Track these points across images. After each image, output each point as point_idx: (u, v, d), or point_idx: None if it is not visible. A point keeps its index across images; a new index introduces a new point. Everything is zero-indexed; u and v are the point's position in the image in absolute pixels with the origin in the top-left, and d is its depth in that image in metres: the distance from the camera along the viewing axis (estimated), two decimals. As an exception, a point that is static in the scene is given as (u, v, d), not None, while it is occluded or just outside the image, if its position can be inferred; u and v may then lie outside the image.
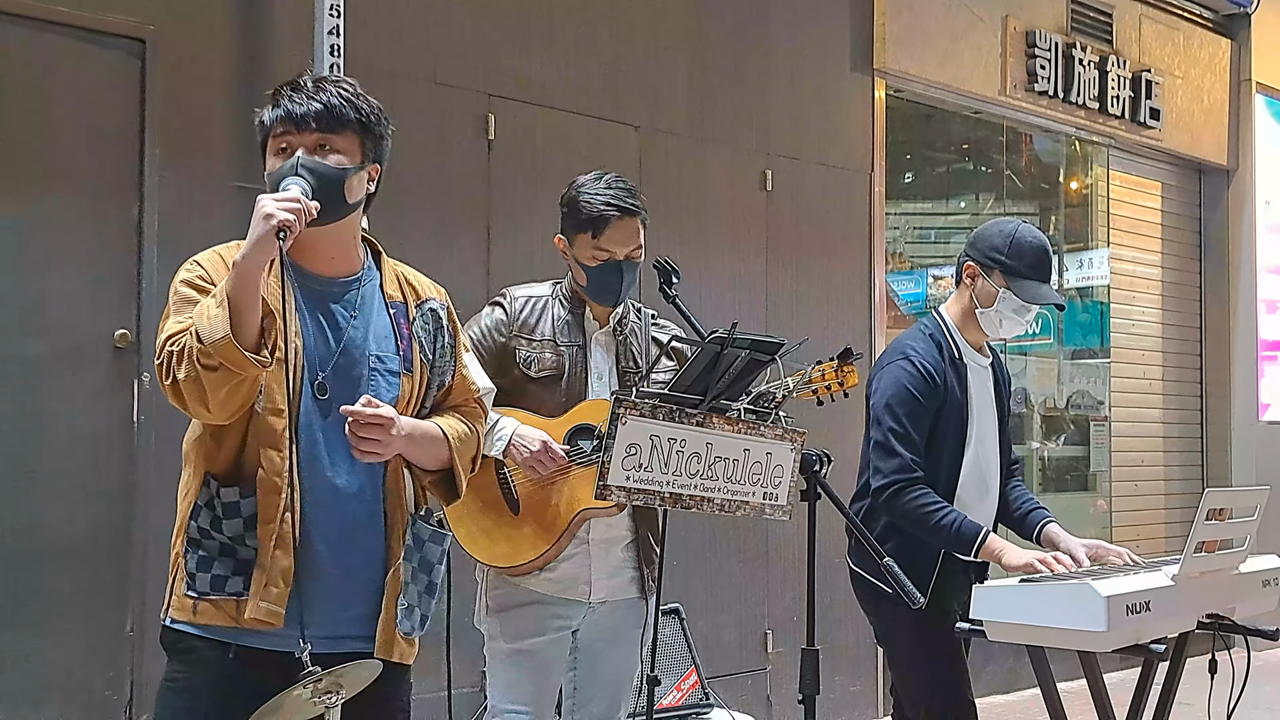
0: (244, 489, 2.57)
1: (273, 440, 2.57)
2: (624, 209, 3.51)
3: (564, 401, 3.48)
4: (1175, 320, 9.60)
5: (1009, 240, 3.81)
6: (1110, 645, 3.19)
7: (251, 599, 2.54)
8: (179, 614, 2.61)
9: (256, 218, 2.46)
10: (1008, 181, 8.61)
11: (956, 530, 3.65)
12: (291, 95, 2.67)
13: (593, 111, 5.96)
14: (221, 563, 2.58)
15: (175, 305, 2.57)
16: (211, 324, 2.41)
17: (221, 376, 2.43)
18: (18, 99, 4.39)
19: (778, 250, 6.70)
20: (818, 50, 6.95)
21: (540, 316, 3.57)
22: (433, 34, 5.41)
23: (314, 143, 2.65)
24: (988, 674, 7.22)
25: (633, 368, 3.60)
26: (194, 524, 2.60)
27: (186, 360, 2.43)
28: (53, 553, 4.39)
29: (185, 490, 2.65)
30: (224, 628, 2.57)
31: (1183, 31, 9.33)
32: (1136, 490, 9.15)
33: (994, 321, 3.87)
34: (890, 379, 3.78)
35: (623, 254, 3.52)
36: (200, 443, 2.63)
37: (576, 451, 3.42)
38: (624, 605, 3.58)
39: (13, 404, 4.33)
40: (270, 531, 2.55)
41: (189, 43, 4.73)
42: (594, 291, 3.56)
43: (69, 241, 4.47)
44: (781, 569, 6.48)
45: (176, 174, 4.66)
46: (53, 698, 4.37)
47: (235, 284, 2.44)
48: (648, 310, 3.77)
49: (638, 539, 3.57)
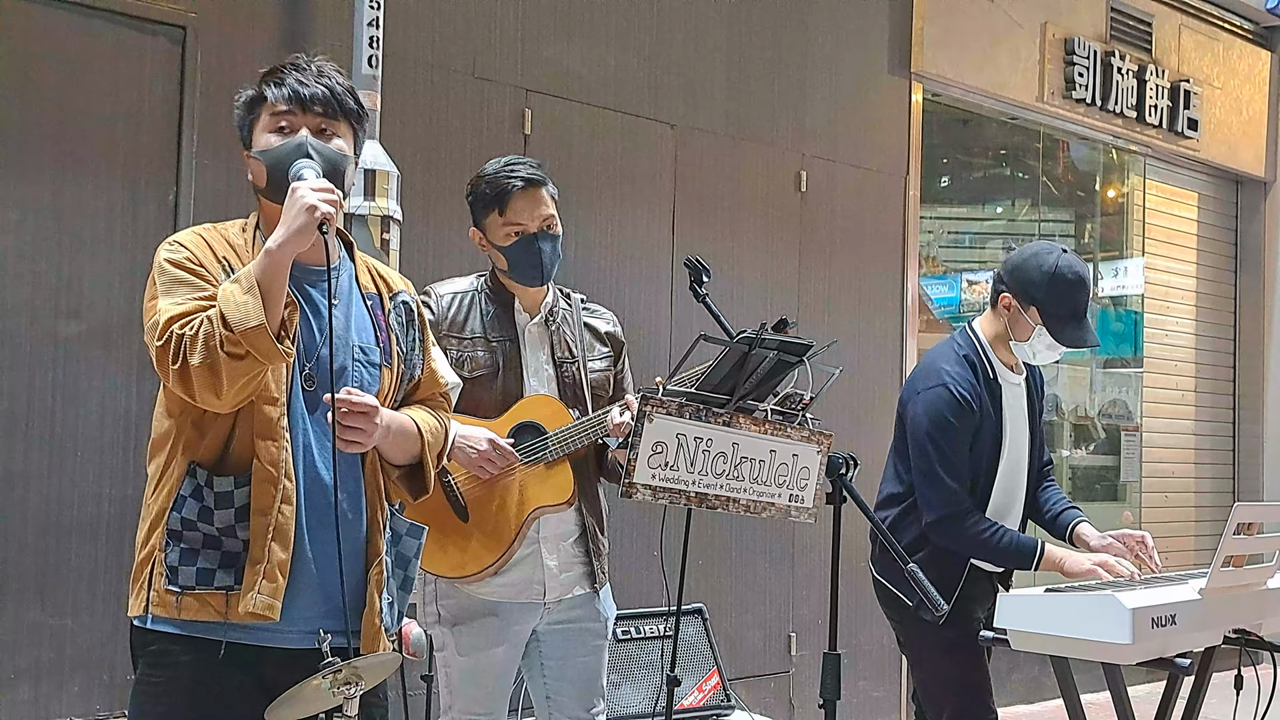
0: (238, 479, 2.49)
1: (268, 430, 2.50)
2: (526, 179, 3.45)
3: (501, 400, 3.41)
4: (1209, 331, 9.53)
5: (1048, 279, 3.75)
6: (1135, 658, 3.17)
7: (246, 592, 2.46)
8: (159, 610, 2.49)
9: (297, 207, 2.41)
10: (1044, 188, 8.57)
11: (1015, 548, 3.69)
12: (297, 75, 2.63)
13: (629, 108, 5.95)
14: (206, 555, 2.48)
15: (164, 285, 2.47)
16: (242, 311, 2.34)
17: (246, 365, 2.37)
18: (59, 83, 4.43)
19: (811, 251, 6.68)
20: (856, 52, 6.93)
21: (468, 313, 3.48)
22: (472, 27, 5.43)
23: (316, 125, 2.62)
24: (1012, 683, 7.19)
25: (568, 357, 3.53)
26: (176, 515, 2.48)
27: (203, 346, 2.35)
28: (81, 530, 4.43)
29: (159, 481, 2.53)
30: (210, 623, 2.48)
31: (1222, 42, 9.26)
32: (1166, 502, 9.09)
33: (1027, 353, 3.88)
34: (930, 407, 3.77)
35: (534, 225, 3.44)
36: (177, 433, 2.52)
37: (523, 449, 3.36)
38: (579, 601, 3.52)
39: (46, 382, 4.38)
40: (266, 523, 2.47)
41: (229, 30, 4.75)
42: (517, 272, 3.46)
43: (105, 225, 4.51)
44: (807, 571, 6.47)
45: (213, 160, 4.68)
46: (75, 676, 4.41)
47: (267, 271, 2.39)
48: (578, 295, 3.67)
49: (585, 532, 3.51)
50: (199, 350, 2.35)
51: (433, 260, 5.04)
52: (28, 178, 4.36)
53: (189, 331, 2.38)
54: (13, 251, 4.33)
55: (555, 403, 3.44)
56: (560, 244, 3.51)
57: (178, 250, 2.52)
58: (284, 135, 2.60)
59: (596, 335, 3.62)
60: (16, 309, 4.33)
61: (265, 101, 2.63)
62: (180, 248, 2.53)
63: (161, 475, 2.53)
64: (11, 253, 4.33)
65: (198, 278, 2.49)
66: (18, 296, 4.34)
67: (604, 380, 3.59)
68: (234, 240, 2.62)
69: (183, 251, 2.52)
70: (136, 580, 2.54)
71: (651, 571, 5.39)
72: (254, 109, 2.65)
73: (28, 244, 4.36)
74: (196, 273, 2.49)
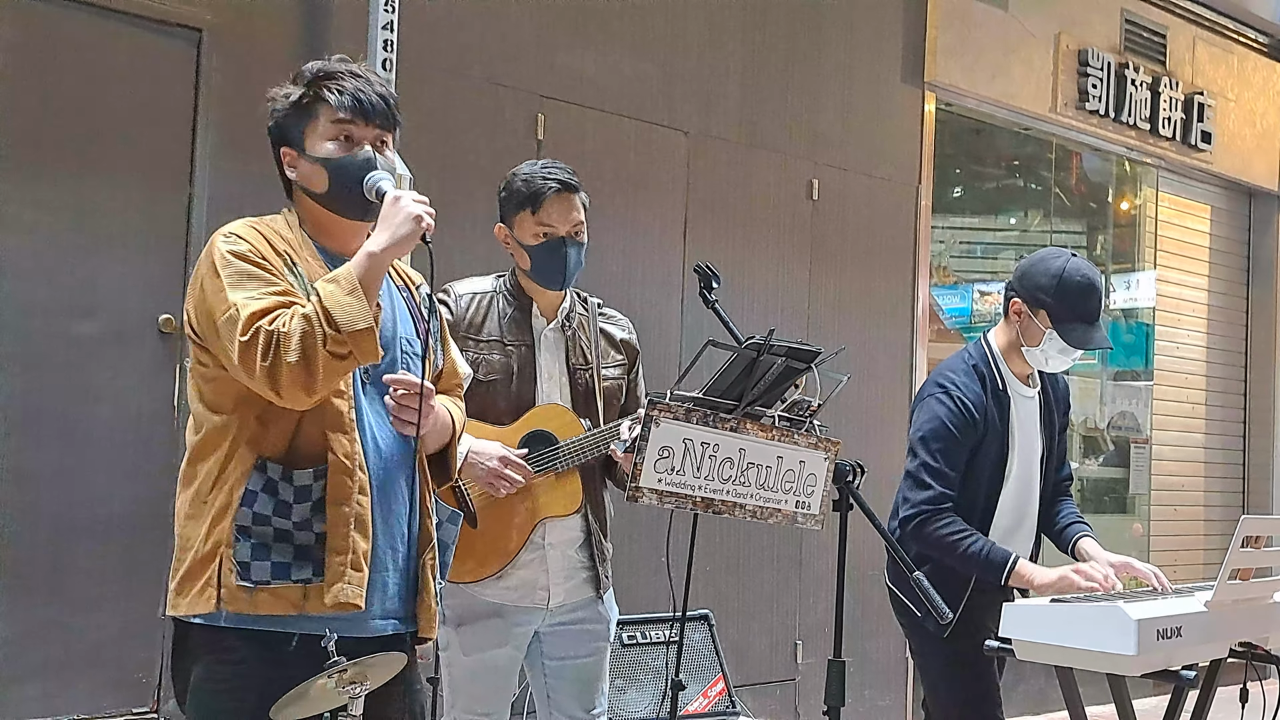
0: (316, 471, 2.50)
1: (339, 423, 2.52)
2: (563, 183, 3.45)
3: (514, 404, 3.41)
4: (1220, 345, 9.52)
5: (1056, 281, 3.73)
6: (1139, 669, 3.16)
7: (333, 583, 2.47)
8: (232, 605, 2.45)
9: (402, 215, 2.47)
10: (1056, 199, 8.57)
11: (985, 557, 3.64)
12: (355, 83, 2.64)
13: (643, 115, 5.97)
14: (279, 550, 2.47)
15: (232, 278, 2.45)
16: (349, 313, 2.38)
17: (348, 365, 2.42)
18: (75, 84, 4.45)
19: (822, 259, 6.69)
20: (869, 61, 6.94)
21: (486, 314, 3.48)
22: (487, 32, 5.44)
23: (376, 137, 2.65)
24: (1019, 695, 7.17)
25: (583, 364, 3.53)
26: (246, 511, 2.46)
27: (299, 344, 2.36)
28: (92, 529, 4.45)
29: (218, 478, 2.50)
30: (284, 617, 2.47)
31: (1237, 55, 9.26)
32: (1176, 515, 9.07)
33: (1039, 359, 3.84)
34: (929, 412, 3.76)
35: (564, 229, 3.44)
36: (238, 425, 2.51)
37: (534, 459, 3.36)
38: (582, 605, 3.52)
39: (60, 381, 4.40)
40: (346, 514, 2.49)
41: (245, 33, 4.78)
42: (539, 273, 3.47)
43: (120, 226, 4.53)
44: (814, 578, 6.47)
45: (228, 163, 4.70)
46: (85, 675, 4.43)
47: (369, 273, 2.44)
48: (594, 300, 3.67)
49: (590, 538, 3.51)
50: (294, 348, 2.36)
51: (446, 264, 5.03)
52: (45, 178, 4.39)
53: (280, 328, 2.38)
54: (29, 251, 4.35)
55: (568, 413, 3.44)
56: (584, 252, 3.53)
57: (238, 242, 2.51)
58: (346, 145, 2.62)
59: (612, 342, 3.62)
60: (32, 309, 4.35)
61: (324, 105, 2.63)
62: (240, 240, 2.52)
63: (221, 471, 2.50)
64: (28, 253, 4.35)
65: (265, 271, 2.49)
66: (33, 296, 4.36)
67: (617, 388, 3.59)
68: (286, 235, 2.63)
69: (244, 244, 2.51)
70: (192, 579, 2.50)
71: (658, 577, 5.36)
72: (310, 111, 2.65)
73: (44, 244, 4.38)
74: (263, 265, 2.50)
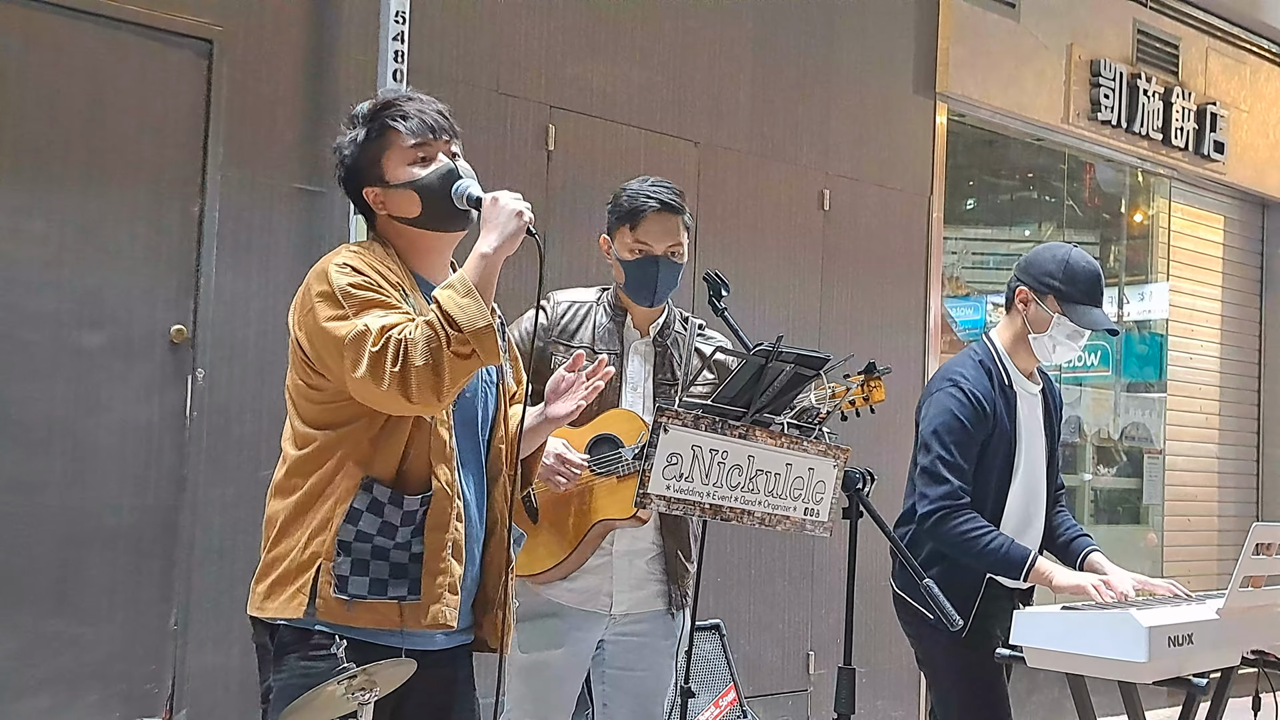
0: (423, 498, 2.61)
1: (443, 453, 2.64)
2: (664, 203, 3.51)
3: (594, 410, 3.42)
4: (1234, 355, 9.49)
5: (1062, 265, 3.76)
6: (1150, 676, 3.14)
7: (431, 604, 2.60)
8: (326, 616, 2.57)
9: (505, 214, 2.56)
10: (1068, 210, 8.56)
11: (1005, 553, 3.60)
12: (415, 105, 2.73)
13: (653, 125, 5.98)
14: (376, 567, 2.59)
15: (357, 306, 2.54)
16: (468, 313, 2.46)
17: (471, 364, 2.49)
18: (86, 95, 4.47)
19: (833, 270, 6.68)
20: (880, 71, 6.94)
21: (581, 323, 3.56)
22: (497, 43, 5.45)
23: (448, 150, 2.74)
24: (1031, 704, 7.15)
25: (670, 380, 3.57)
26: (350, 527, 2.57)
27: (425, 347, 2.44)
28: (101, 540, 4.45)
29: (323, 492, 2.61)
30: (383, 630, 2.60)
31: (1249, 65, 9.24)
32: (1189, 525, 9.04)
33: (1047, 347, 3.82)
34: (939, 407, 3.74)
35: (661, 249, 3.50)
36: (347, 443, 2.61)
37: (597, 461, 3.40)
38: (649, 618, 3.55)
39: (68, 392, 4.40)
40: (444, 540, 2.62)
41: (255, 44, 4.79)
42: (632, 288, 3.54)
43: (130, 236, 4.54)
44: (826, 590, 6.45)
45: (238, 173, 4.72)
46: (94, 686, 4.42)
47: (483, 274, 2.52)
48: (695, 320, 3.72)
49: (664, 553, 3.54)
50: (421, 351, 2.45)
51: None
52: (54, 189, 4.40)
53: (408, 335, 2.47)
54: (38, 262, 4.36)
55: (637, 419, 3.46)
56: (679, 273, 3.58)
57: (352, 274, 2.59)
58: (425, 165, 2.71)
59: (705, 361, 3.62)
60: (40, 319, 4.36)
61: (393, 133, 2.72)
62: (354, 271, 2.60)
63: (327, 486, 2.61)
64: (37, 263, 4.36)
65: (385, 295, 2.58)
66: (41, 306, 4.37)
67: None
68: (391, 266, 2.70)
69: (358, 276, 2.60)
70: (284, 585, 2.60)
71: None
72: (381, 145, 2.73)
73: (53, 254, 4.39)
74: (383, 291, 2.58)
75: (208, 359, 4.63)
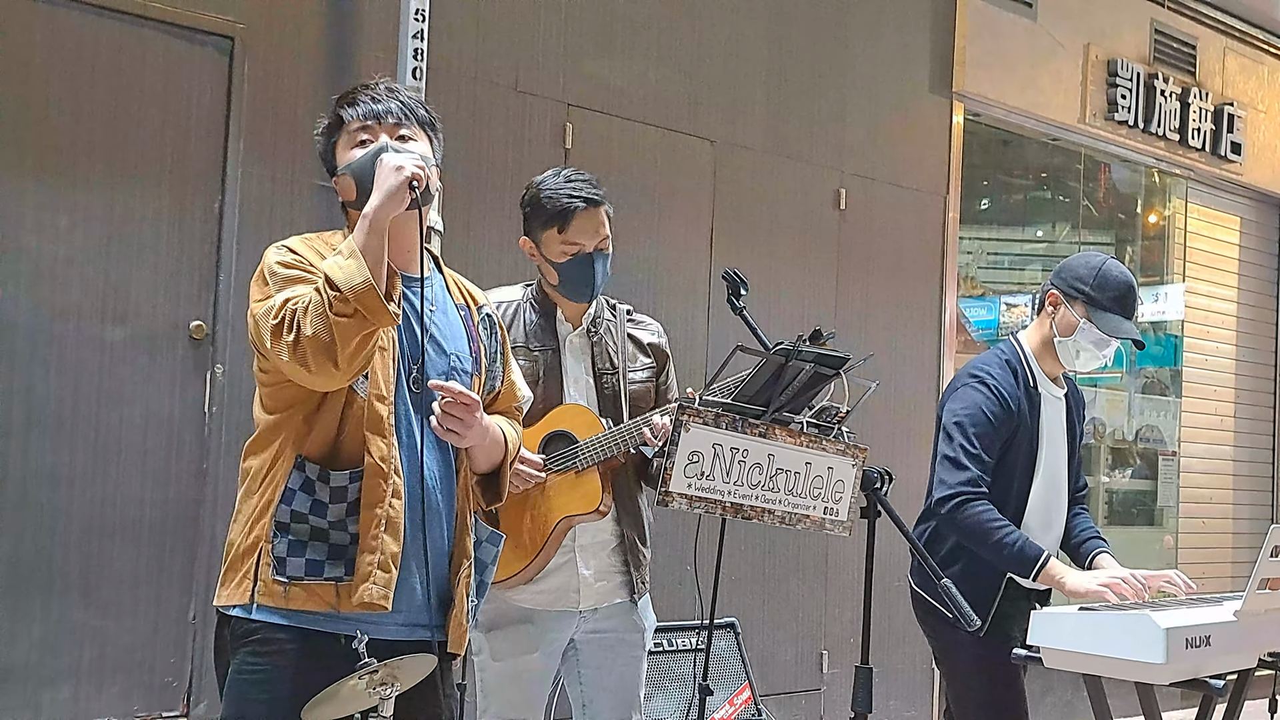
0: (352, 474, 2.56)
1: (378, 426, 2.57)
2: (589, 199, 3.46)
3: (540, 408, 3.42)
4: (1250, 357, 9.46)
5: (1095, 272, 3.77)
6: (1167, 678, 3.14)
7: (360, 583, 2.51)
8: (266, 600, 2.53)
9: (385, 170, 2.52)
10: (1084, 210, 8.55)
11: (1019, 550, 3.58)
12: (369, 93, 2.74)
13: (669, 124, 5.99)
14: (314, 547, 2.54)
15: (279, 284, 2.54)
16: (347, 272, 2.42)
17: (355, 324, 2.42)
18: (109, 92, 4.50)
19: (848, 269, 6.69)
20: (896, 70, 6.95)
21: (513, 322, 3.51)
22: (515, 41, 5.47)
23: (394, 134, 2.71)
24: (1046, 705, 7.15)
25: (609, 368, 3.55)
26: (285, 508, 2.54)
27: (313, 313, 2.41)
28: (122, 533, 4.48)
29: (265, 476, 2.59)
30: (318, 613, 2.53)
31: (1267, 65, 9.22)
32: (1204, 527, 9.02)
33: (1071, 352, 3.82)
34: (964, 399, 3.74)
35: (591, 245, 3.47)
36: (287, 426, 2.60)
37: (553, 458, 3.39)
38: (616, 610, 3.54)
39: (91, 386, 4.44)
40: (377, 517, 2.54)
41: (277, 42, 4.82)
42: (567, 288, 3.50)
43: (151, 232, 4.57)
44: (840, 588, 6.46)
45: (259, 170, 4.74)
46: (116, 678, 4.46)
47: (368, 236, 2.47)
48: (623, 305, 3.69)
49: (624, 542, 3.53)
50: (310, 319, 2.42)
51: (473, 271, 5.03)
52: (78, 185, 4.43)
53: (301, 305, 2.45)
54: (61, 257, 4.39)
55: (588, 412, 3.46)
56: (610, 261, 3.55)
57: (287, 254, 2.62)
58: (365, 148, 2.69)
59: (640, 346, 3.63)
60: (64, 313, 4.39)
61: (343, 124, 2.74)
62: (289, 252, 2.62)
63: (268, 470, 2.59)
64: (60, 258, 4.39)
65: (311, 275, 2.55)
66: (65, 301, 4.40)
67: (645, 391, 3.60)
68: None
69: (290, 255, 2.61)
70: (234, 571, 2.58)
71: (684, 585, 5.39)
72: (334, 134, 2.76)
73: (76, 249, 4.42)
74: (310, 271, 2.56)
75: (227, 354, 4.65)
